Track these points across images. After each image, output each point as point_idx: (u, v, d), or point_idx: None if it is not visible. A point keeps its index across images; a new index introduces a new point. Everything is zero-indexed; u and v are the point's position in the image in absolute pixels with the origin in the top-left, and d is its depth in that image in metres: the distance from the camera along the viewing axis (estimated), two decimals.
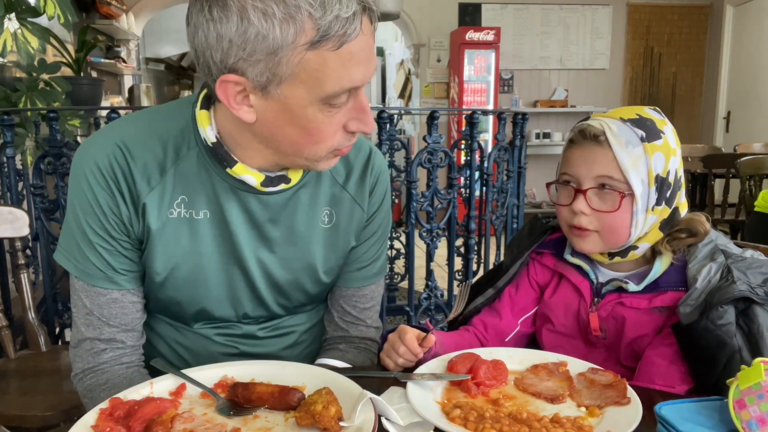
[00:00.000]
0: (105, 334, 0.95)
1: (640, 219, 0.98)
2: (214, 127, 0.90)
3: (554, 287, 1.12)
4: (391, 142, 2.47)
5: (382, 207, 1.07)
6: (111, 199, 0.90)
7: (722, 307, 0.89)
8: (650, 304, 1.00)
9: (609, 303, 1.04)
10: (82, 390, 0.97)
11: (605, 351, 1.06)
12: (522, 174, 2.99)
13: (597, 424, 0.77)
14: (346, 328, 1.11)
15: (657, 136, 0.98)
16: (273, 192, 0.94)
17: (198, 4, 0.78)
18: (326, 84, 0.78)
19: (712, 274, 0.94)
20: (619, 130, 0.97)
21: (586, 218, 1.00)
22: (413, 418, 0.78)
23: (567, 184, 1.03)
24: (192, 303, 0.98)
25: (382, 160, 1.08)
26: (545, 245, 1.14)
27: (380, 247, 1.11)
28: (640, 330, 1.01)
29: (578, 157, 1.01)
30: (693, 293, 0.94)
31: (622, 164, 0.96)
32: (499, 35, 6.04)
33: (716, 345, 0.89)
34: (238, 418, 0.78)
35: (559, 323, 1.09)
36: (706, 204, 4.09)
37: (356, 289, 1.10)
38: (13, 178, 2.37)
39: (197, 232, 0.94)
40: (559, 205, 1.04)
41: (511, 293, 1.15)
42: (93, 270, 0.93)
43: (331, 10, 0.74)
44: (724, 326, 0.89)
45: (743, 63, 6.18)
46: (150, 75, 7.68)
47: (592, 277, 1.06)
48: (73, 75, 3.60)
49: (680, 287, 0.99)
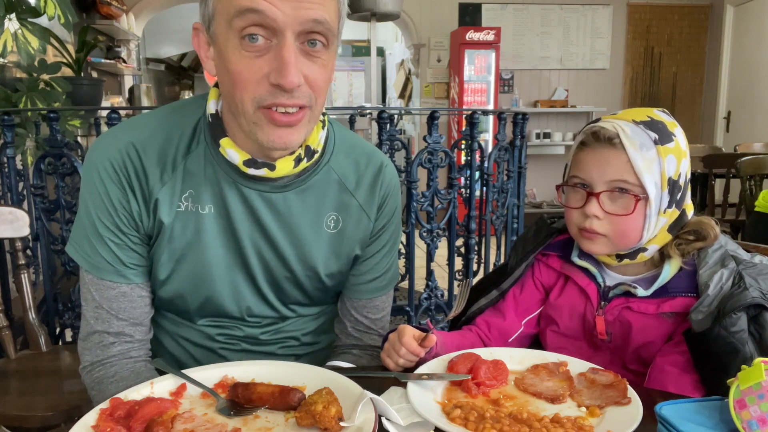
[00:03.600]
0: (114, 328, 0.96)
1: (652, 222, 0.98)
2: (218, 102, 0.93)
3: (560, 289, 1.11)
4: (391, 142, 2.47)
5: (392, 220, 1.08)
6: (122, 195, 0.92)
7: (735, 314, 0.88)
8: (658, 309, 0.99)
9: (616, 307, 1.03)
10: (90, 382, 0.98)
11: (610, 354, 1.05)
12: (522, 174, 2.99)
13: (597, 424, 0.77)
14: (359, 337, 1.12)
15: (669, 138, 0.97)
16: (275, 189, 0.95)
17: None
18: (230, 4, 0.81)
19: (724, 281, 0.93)
20: (632, 132, 0.96)
21: (598, 222, 0.99)
22: (414, 418, 0.78)
23: (578, 186, 1.02)
24: (196, 297, 0.99)
25: (394, 174, 1.08)
26: (551, 247, 1.13)
27: (391, 258, 1.12)
28: (647, 335, 1.00)
29: (591, 159, 0.99)
30: (705, 300, 0.93)
31: (636, 167, 0.95)
32: (499, 35, 6.04)
33: (729, 352, 0.88)
34: (238, 418, 0.78)
35: (564, 325, 1.08)
36: (707, 204, 4.09)
37: (368, 300, 1.11)
38: (14, 178, 2.37)
39: (202, 227, 0.95)
40: (570, 207, 1.03)
41: (515, 294, 1.14)
42: (103, 264, 0.94)
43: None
44: (737, 333, 0.88)
45: (743, 63, 6.18)
46: (150, 75, 7.68)
47: (599, 280, 1.06)
48: (74, 75, 3.60)
49: (689, 293, 0.98)
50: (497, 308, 1.14)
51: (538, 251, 1.13)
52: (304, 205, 0.98)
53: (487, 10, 6.37)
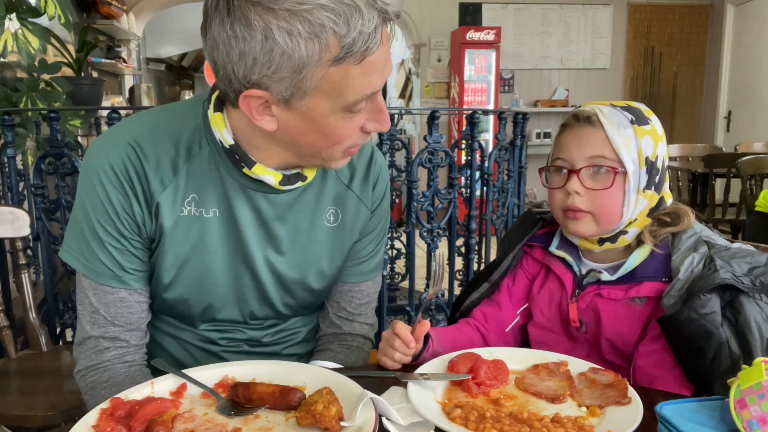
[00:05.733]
0: (110, 333, 0.96)
1: (632, 199, 1.00)
2: (230, 130, 0.90)
3: (542, 280, 1.14)
4: (391, 142, 2.46)
5: (382, 204, 1.08)
6: (124, 199, 0.90)
7: (704, 295, 0.89)
8: (626, 294, 1.01)
9: (588, 294, 1.05)
10: (84, 387, 0.97)
11: (588, 346, 1.06)
12: (522, 174, 2.98)
13: (598, 424, 0.77)
14: (340, 324, 1.12)
15: (645, 121, 1.01)
16: (286, 190, 0.95)
17: (217, 17, 0.77)
18: (348, 94, 0.80)
19: (695, 264, 0.95)
20: (610, 113, 1.01)
21: (579, 198, 1.01)
22: (414, 418, 0.78)
23: (560, 168, 1.04)
24: (199, 301, 0.99)
25: (382, 158, 1.09)
26: (536, 238, 1.15)
27: (378, 243, 1.11)
28: (619, 323, 1.02)
29: (571, 139, 1.03)
30: (676, 284, 0.94)
31: (614, 143, 0.99)
32: (499, 35, 6.04)
33: (702, 335, 0.89)
34: (238, 418, 0.78)
35: (543, 317, 1.10)
36: (707, 204, 4.09)
37: (353, 284, 1.11)
38: (14, 178, 2.37)
39: (206, 230, 0.94)
40: (552, 188, 1.05)
41: (508, 285, 1.16)
42: (102, 269, 0.93)
43: (354, 26, 0.75)
44: (707, 315, 0.89)
45: (744, 62, 6.18)
46: (150, 75, 7.69)
47: (575, 269, 1.08)
48: (74, 75, 3.60)
49: (659, 277, 1.00)
50: (493, 299, 1.16)
51: (523, 242, 1.15)
52: (305, 202, 0.99)
53: (488, 9, 6.37)
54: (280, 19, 0.74)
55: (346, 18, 0.74)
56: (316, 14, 0.74)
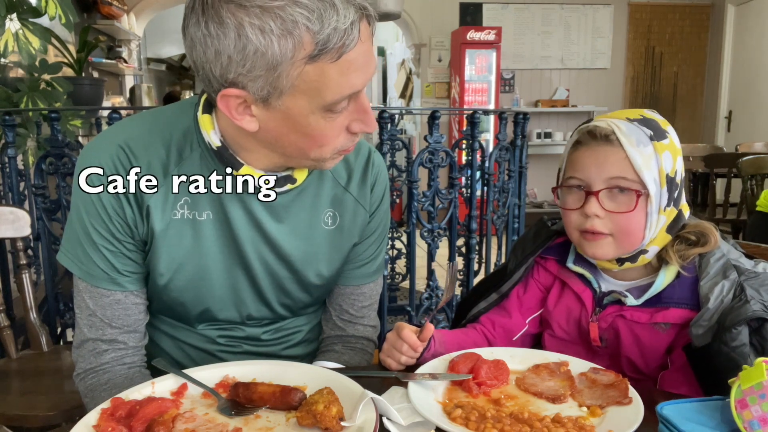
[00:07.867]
0: (107, 335, 0.95)
1: (653, 220, 0.96)
2: (218, 131, 0.90)
3: (557, 293, 1.10)
4: (392, 142, 2.46)
5: (381, 205, 1.08)
6: (115, 201, 0.90)
7: (736, 329, 0.87)
8: (651, 319, 0.98)
9: (610, 314, 1.01)
10: (84, 390, 0.97)
11: (608, 359, 1.03)
12: (523, 174, 2.98)
13: (598, 424, 0.77)
14: (343, 327, 1.11)
15: (663, 135, 0.97)
16: (277, 192, 0.94)
17: (194, 17, 0.77)
18: (327, 94, 0.78)
19: (725, 293, 0.91)
20: (628, 129, 0.95)
21: (599, 221, 0.97)
22: (415, 418, 0.78)
23: (575, 187, 1.00)
24: (196, 304, 0.99)
25: (380, 159, 1.08)
26: (549, 250, 1.12)
27: (379, 245, 1.11)
28: (641, 345, 0.99)
29: (587, 158, 0.98)
30: (705, 314, 0.91)
31: (635, 163, 0.94)
32: (500, 35, 6.03)
33: (732, 368, 0.85)
34: (239, 417, 0.78)
35: (561, 330, 1.07)
36: (708, 204, 4.09)
37: (355, 287, 1.10)
38: (15, 178, 2.37)
39: (200, 234, 0.94)
40: (567, 209, 1.01)
41: (519, 293, 1.13)
42: (96, 271, 0.93)
43: (328, 23, 0.74)
44: (738, 348, 0.86)
45: (745, 62, 6.17)
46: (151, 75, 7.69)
47: (594, 286, 1.04)
48: (75, 75, 3.60)
49: (685, 304, 0.96)
50: (502, 307, 1.13)
51: (536, 254, 1.12)
52: (301, 204, 0.98)
53: (488, 9, 6.37)
54: (252, 16, 0.73)
55: (320, 14, 0.73)
56: (289, 11, 0.73)
